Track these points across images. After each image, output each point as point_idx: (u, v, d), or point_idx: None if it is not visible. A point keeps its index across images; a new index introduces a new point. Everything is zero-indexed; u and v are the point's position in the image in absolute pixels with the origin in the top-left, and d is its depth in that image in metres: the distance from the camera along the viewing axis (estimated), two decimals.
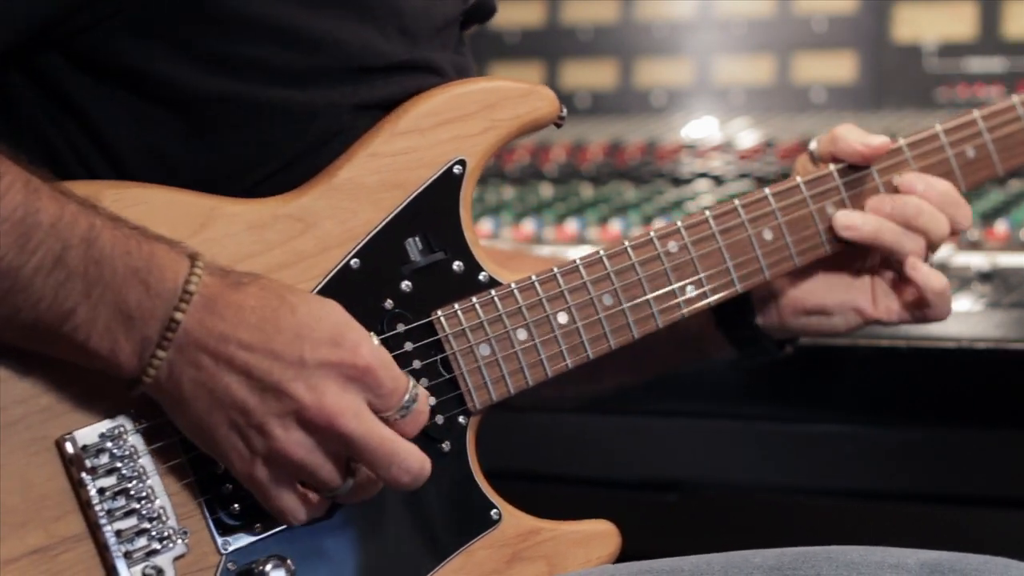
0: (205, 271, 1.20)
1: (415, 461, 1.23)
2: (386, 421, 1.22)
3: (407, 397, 1.22)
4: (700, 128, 2.56)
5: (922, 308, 1.56)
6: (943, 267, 2.01)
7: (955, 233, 1.55)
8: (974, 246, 2.02)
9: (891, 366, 1.92)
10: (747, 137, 2.47)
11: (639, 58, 2.69)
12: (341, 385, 1.20)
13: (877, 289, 1.57)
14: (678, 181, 2.39)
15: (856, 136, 1.54)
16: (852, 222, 1.52)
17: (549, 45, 2.76)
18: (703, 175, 2.38)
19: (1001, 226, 2.06)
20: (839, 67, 2.53)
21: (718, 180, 2.35)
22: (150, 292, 1.18)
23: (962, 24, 2.43)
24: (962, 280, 1.97)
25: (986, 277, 1.97)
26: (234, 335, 1.19)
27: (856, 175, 1.54)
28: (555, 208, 2.35)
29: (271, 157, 1.32)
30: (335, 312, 1.22)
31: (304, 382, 1.19)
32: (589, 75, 2.73)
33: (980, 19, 2.41)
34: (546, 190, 2.45)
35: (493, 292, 1.36)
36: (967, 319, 1.89)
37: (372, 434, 1.21)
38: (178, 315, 1.18)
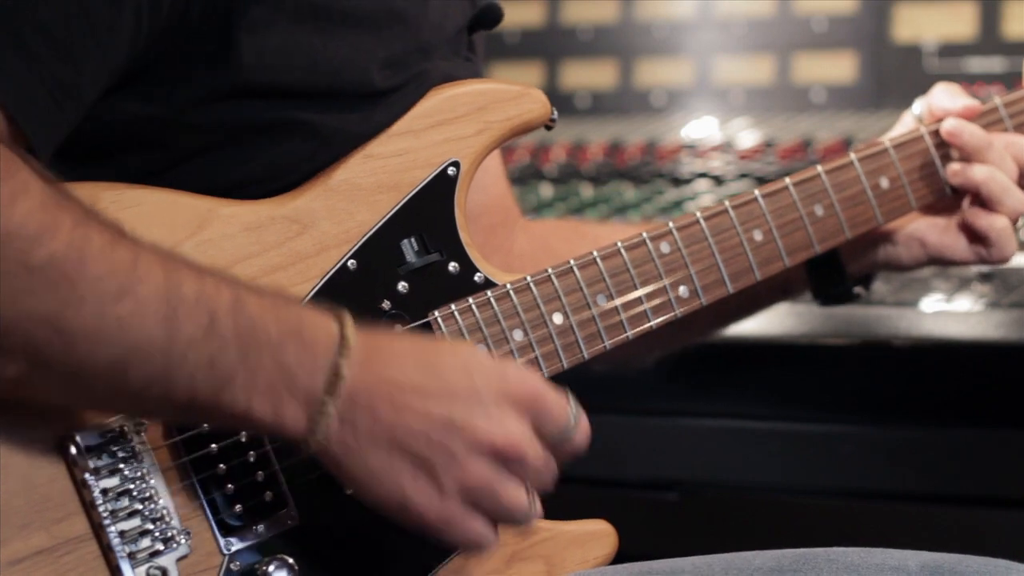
0: (351, 322, 1.20)
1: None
2: (552, 446, 1.24)
3: (572, 414, 1.24)
4: (700, 128, 2.56)
5: (986, 246, 1.60)
6: (943, 268, 2.02)
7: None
8: None
9: (891, 366, 1.93)
10: (747, 137, 2.47)
11: (639, 58, 2.69)
12: (518, 414, 1.21)
13: (945, 226, 1.62)
14: (678, 181, 2.39)
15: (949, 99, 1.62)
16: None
17: (549, 45, 2.76)
18: (703, 175, 2.38)
19: None
20: (839, 67, 2.53)
21: (718, 180, 2.35)
22: (307, 348, 1.17)
23: (962, 24, 2.43)
24: (962, 280, 1.97)
25: (986, 277, 1.97)
26: (407, 380, 1.19)
27: (844, 177, 1.55)
28: (555, 208, 2.36)
29: (285, 175, 1.33)
30: (484, 352, 1.26)
31: (485, 415, 1.20)
32: (589, 75, 2.73)
33: (980, 19, 2.41)
34: (546, 190, 2.45)
35: (489, 293, 1.36)
36: (967, 319, 1.89)
37: (544, 459, 1.23)
38: (343, 363, 1.17)
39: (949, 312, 1.91)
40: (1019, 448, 1.91)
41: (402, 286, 1.34)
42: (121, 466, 1.21)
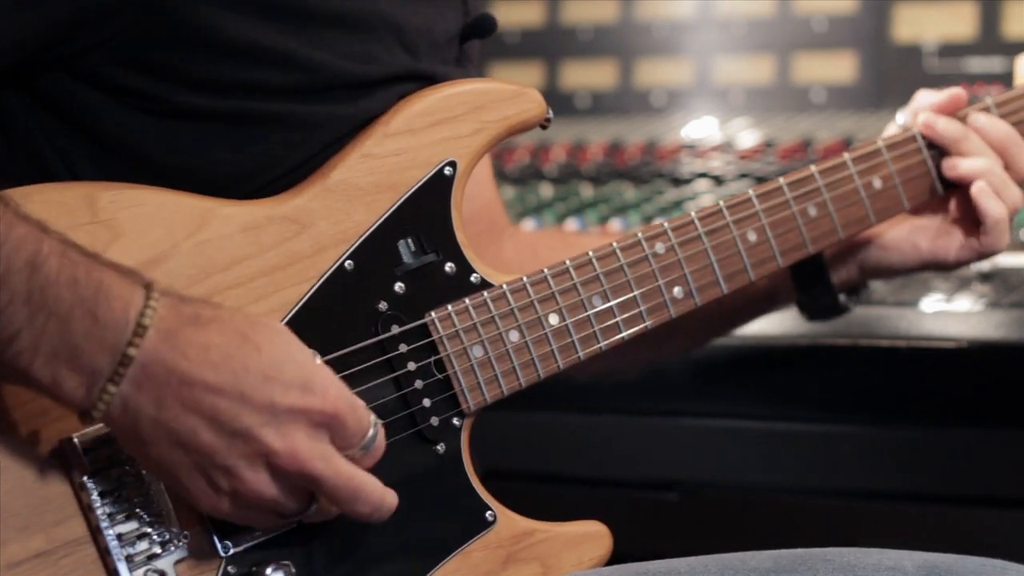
0: (161, 303, 1.16)
1: (376, 496, 1.22)
2: (349, 458, 1.21)
3: (369, 435, 1.21)
4: (700, 128, 2.56)
5: (981, 234, 1.60)
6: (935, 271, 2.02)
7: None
8: None
9: (891, 366, 1.93)
10: (747, 137, 2.47)
11: (639, 58, 2.69)
12: (310, 431, 1.18)
13: (936, 228, 1.62)
14: (678, 181, 2.38)
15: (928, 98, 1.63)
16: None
17: (549, 45, 2.76)
18: (703, 175, 2.38)
19: None
20: (839, 67, 2.53)
21: (718, 180, 2.35)
22: (98, 323, 1.14)
23: (962, 24, 2.42)
24: (962, 280, 1.97)
25: (986, 277, 1.97)
26: (200, 376, 1.15)
27: (837, 177, 1.55)
28: (555, 208, 2.35)
29: (269, 169, 1.33)
30: (298, 351, 1.19)
31: (275, 428, 1.17)
32: (589, 75, 2.73)
33: (980, 19, 2.41)
34: (546, 190, 2.45)
35: (485, 294, 1.36)
36: (967, 319, 1.89)
37: (339, 475, 1.20)
38: (131, 350, 1.14)
39: (949, 312, 1.91)
40: (1019, 448, 1.91)
41: (399, 287, 1.34)
42: (119, 469, 1.21)
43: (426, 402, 1.33)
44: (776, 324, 1.93)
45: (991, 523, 1.95)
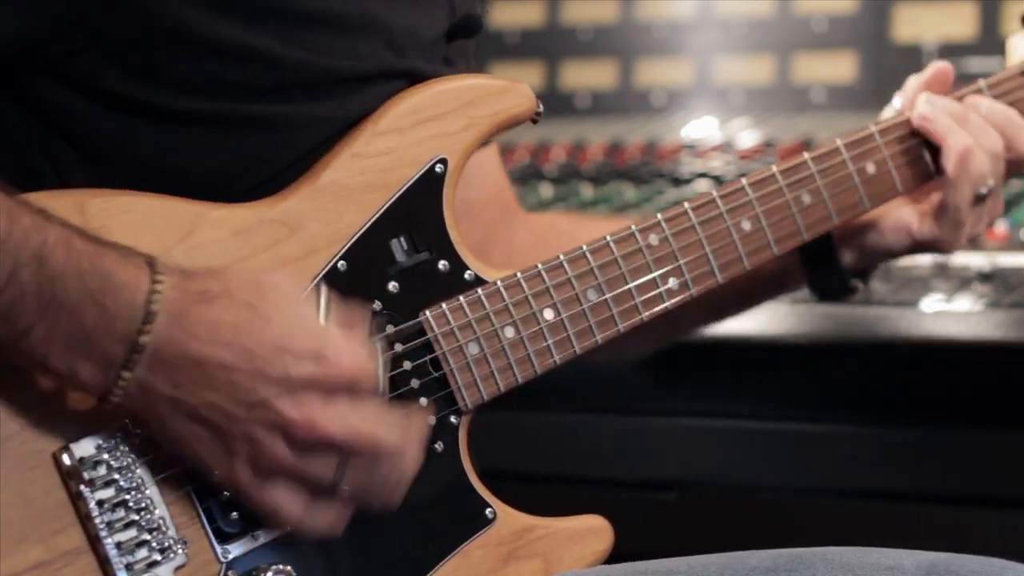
0: (167, 284, 1.17)
1: (394, 439, 1.22)
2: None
3: (381, 383, 1.23)
4: (700, 128, 2.56)
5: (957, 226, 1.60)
6: (943, 267, 2.02)
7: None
8: (974, 246, 2.01)
9: (891, 366, 1.92)
10: (747, 137, 2.47)
11: (639, 58, 2.69)
12: (325, 397, 1.19)
13: (931, 211, 1.61)
14: (678, 181, 2.39)
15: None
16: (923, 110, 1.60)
17: (549, 45, 2.76)
18: (703, 175, 2.38)
19: (1001, 226, 2.06)
20: (839, 67, 2.53)
21: (718, 180, 2.35)
22: (108, 313, 1.15)
23: (962, 24, 2.42)
24: (962, 280, 1.97)
25: (986, 277, 1.97)
26: (213, 356, 1.17)
27: (831, 163, 1.55)
28: (555, 208, 2.35)
29: (259, 168, 1.32)
30: (308, 316, 1.21)
31: (291, 398, 1.18)
32: (589, 75, 2.73)
33: (980, 19, 2.41)
34: (546, 190, 2.45)
35: (479, 290, 1.36)
36: (967, 319, 1.89)
37: (358, 433, 1.20)
38: (143, 338, 1.16)
39: (949, 312, 1.91)
40: (1019, 448, 1.91)
41: (392, 286, 1.34)
42: (116, 477, 1.21)
43: (423, 401, 1.33)
44: (776, 324, 1.93)
45: (991, 523, 1.95)
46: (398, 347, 1.33)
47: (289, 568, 1.26)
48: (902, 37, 2.48)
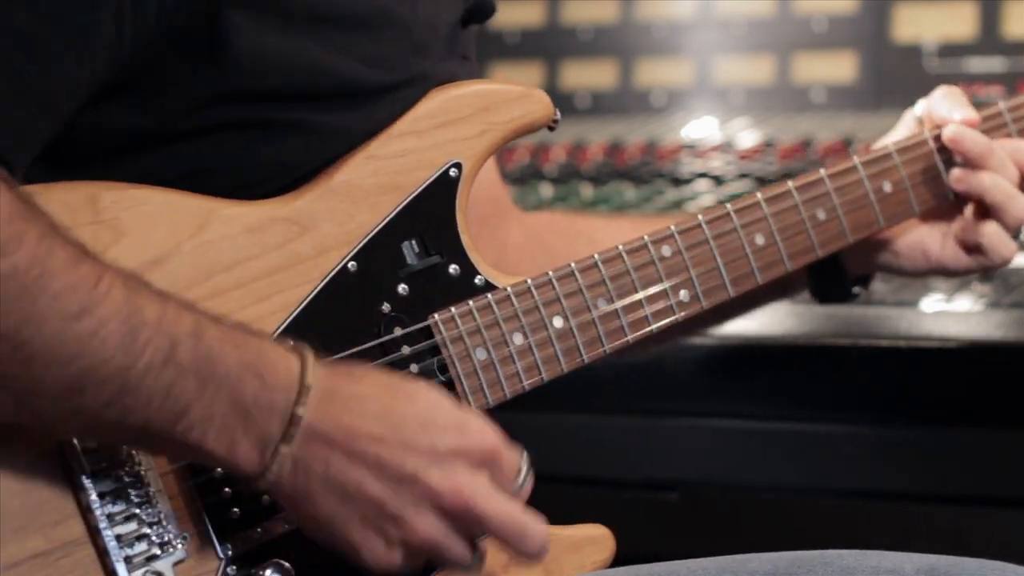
0: (315, 362, 1.18)
1: (543, 532, 1.24)
2: None
3: (523, 474, 1.24)
4: (700, 128, 2.56)
5: (984, 254, 1.61)
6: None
7: None
8: None
9: (891, 366, 1.93)
10: (747, 137, 2.47)
11: (639, 58, 2.69)
12: (472, 469, 1.20)
13: (946, 234, 1.62)
14: (678, 181, 2.39)
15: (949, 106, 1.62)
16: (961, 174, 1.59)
17: (549, 45, 2.76)
18: (703, 175, 2.38)
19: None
20: (839, 67, 2.53)
21: (718, 180, 2.35)
22: (266, 386, 1.16)
23: (962, 24, 2.43)
24: (962, 280, 1.97)
25: (986, 277, 1.97)
26: (362, 428, 1.18)
27: (847, 180, 1.55)
28: (555, 208, 2.35)
29: (285, 174, 1.32)
30: (447, 398, 1.22)
31: (439, 469, 1.19)
32: (589, 75, 2.73)
33: (980, 19, 2.41)
34: (546, 190, 2.45)
35: (489, 296, 1.36)
36: (967, 319, 1.89)
37: (504, 512, 1.21)
38: (300, 409, 1.16)
39: (949, 312, 1.92)
40: (1019, 448, 1.91)
41: (402, 288, 1.34)
42: (118, 470, 1.21)
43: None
44: (776, 324, 1.93)
45: (991, 523, 1.95)
46: (405, 350, 1.33)
47: (288, 565, 1.26)
48: (902, 37, 2.48)
